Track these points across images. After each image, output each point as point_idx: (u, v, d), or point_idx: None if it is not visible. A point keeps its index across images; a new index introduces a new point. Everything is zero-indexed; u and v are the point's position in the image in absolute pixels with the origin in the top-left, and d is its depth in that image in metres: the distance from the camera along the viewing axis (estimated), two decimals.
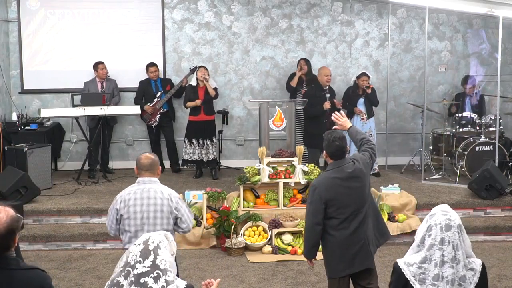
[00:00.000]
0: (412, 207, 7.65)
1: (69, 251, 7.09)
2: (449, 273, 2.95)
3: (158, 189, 4.44)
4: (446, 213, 3.02)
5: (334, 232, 4.46)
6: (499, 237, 7.50)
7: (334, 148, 4.47)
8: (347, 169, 4.46)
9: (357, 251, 4.47)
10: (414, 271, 3.02)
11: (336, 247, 4.48)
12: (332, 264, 4.53)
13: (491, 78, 9.76)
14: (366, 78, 8.95)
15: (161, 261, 2.75)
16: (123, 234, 4.45)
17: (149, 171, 4.49)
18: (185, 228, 4.49)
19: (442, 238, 2.95)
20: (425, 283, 2.99)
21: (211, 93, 8.70)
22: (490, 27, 9.99)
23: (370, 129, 9.02)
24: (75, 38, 9.56)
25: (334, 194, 4.41)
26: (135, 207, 4.38)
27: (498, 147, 8.28)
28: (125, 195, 4.46)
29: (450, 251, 2.95)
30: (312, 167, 7.45)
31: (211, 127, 8.91)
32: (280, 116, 7.77)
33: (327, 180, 4.47)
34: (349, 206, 4.44)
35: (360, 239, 4.47)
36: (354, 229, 4.45)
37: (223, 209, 7.16)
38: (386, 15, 9.85)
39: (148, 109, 9.14)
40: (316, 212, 4.42)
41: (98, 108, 8.55)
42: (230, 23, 9.80)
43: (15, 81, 9.62)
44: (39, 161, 8.13)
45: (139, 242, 2.80)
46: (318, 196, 4.41)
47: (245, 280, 6.19)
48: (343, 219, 4.43)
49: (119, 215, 4.43)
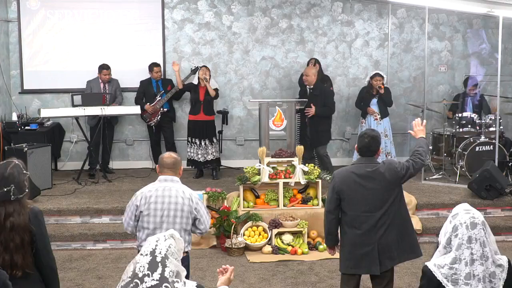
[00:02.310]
0: (412, 207, 7.64)
1: (69, 251, 7.09)
2: (479, 271, 2.96)
3: (180, 188, 4.45)
4: (469, 212, 3.03)
5: (347, 228, 4.58)
6: (499, 237, 7.49)
7: (362, 143, 4.60)
8: (366, 168, 4.55)
9: (364, 254, 4.51)
10: (446, 272, 3.01)
11: (347, 243, 4.60)
12: (342, 259, 4.67)
13: (491, 78, 9.76)
14: (380, 78, 8.97)
15: (169, 273, 2.73)
16: (140, 231, 4.40)
17: (171, 170, 4.50)
18: (203, 230, 4.49)
19: (469, 237, 2.97)
20: (458, 283, 2.98)
21: (211, 93, 8.70)
22: (490, 27, 10.00)
23: (385, 130, 9.03)
24: (75, 38, 9.56)
25: (346, 187, 4.52)
26: (156, 205, 4.35)
27: (498, 147, 8.28)
28: (146, 191, 4.42)
29: (478, 249, 2.97)
30: (312, 167, 7.45)
31: (210, 127, 8.90)
32: (280, 116, 7.77)
33: (344, 172, 4.62)
34: (361, 205, 4.50)
35: (370, 243, 4.49)
36: (365, 231, 4.49)
37: (223, 209, 7.16)
38: (386, 15, 9.85)
39: (148, 109, 9.14)
40: (330, 200, 4.61)
41: (98, 108, 8.55)
42: (230, 23, 9.80)
43: (15, 81, 9.62)
44: (39, 161, 8.13)
45: (146, 252, 2.77)
46: (333, 185, 4.60)
47: (245, 280, 6.19)
48: (354, 217, 4.52)
49: (139, 211, 4.38)
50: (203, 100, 8.74)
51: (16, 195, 3.45)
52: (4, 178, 3.44)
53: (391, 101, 9.14)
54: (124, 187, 8.46)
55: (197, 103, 8.80)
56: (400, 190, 4.60)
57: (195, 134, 8.82)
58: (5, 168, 3.47)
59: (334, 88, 9.93)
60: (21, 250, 3.41)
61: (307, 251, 6.96)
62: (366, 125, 9.08)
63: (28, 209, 3.48)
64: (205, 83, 8.65)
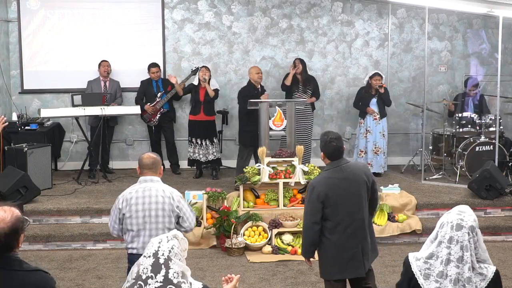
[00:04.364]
0: (412, 207, 7.65)
1: (69, 251, 7.08)
2: (453, 272, 2.95)
3: (160, 187, 4.45)
4: (460, 213, 3.02)
5: (329, 234, 4.48)
6: (499, 237, 7.51)
7: (332, 148, 4.50)
8: (345, 169, 4.50)
9: (350, 257, 4.48)
10: (420, 265, 3.04)
11: (329, 249, 4.50)
12: (326, 266, 4.57)
13: (491, 78, 9.76)
14: (379, 78, 9.00)
15: (173, 274, 2.73)
16: (125, 233, 4.45)
17: (151, 170, 4.49)
18: (187, 227, 4.50)
19: (451, 237, 2.96)
20: (429, 278, 3.00)
21: (210, 94, 8.70)
22: (490, 27, 9.99)
23: (383, 129, 9.06)
24: (75, 38, 9.56)
25: (331, 193, 4.43)
26: (137, 206, 4.38)
27: (498, 147, 8.28)
28: (127, 194, 4.46)
29: (457, 251, 2.95)
30: (312, 167, 7.45)
31: (211, 127, 8.90)
32: (280, 116, 7.78)
33: (325, 179, 4.49)
34: (345, 208, 4.45)
35: (354, 245, 4.48)
36: (350, 234, 4.46)
37: (223, 209, 7.16)
38: (386, 15, 9.85)
39: (148, 109, 9.14)
40: (315, 211, 4.45)
41: (98, 108, 8.55)
42: (230, 23, 9.80)
43: (15, 81, 9.62)
44: (39, 161, 8.13)
45: (148, 254, 2.77)
46: (316, 195, 4.43)
47: (245, 280, 6.19)
48: (338, 222, 4.45)
49: (122, 214, 4.43)
50: (203, 100, 8.74)
51: None
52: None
53: (390, 100, 9.18)
54: (124, 187, 8.29)
55: (197, 103, 8.80)
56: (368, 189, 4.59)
57: (195, 134, 8.83)
58: None
59: (334, 88, 9.95)
60: None
61: None
62: (364, 125, 9.10)
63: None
64: (204, 83, 8.66)
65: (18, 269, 2.85)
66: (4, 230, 2.80)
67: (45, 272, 2.94)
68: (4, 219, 2.81)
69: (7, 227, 2.81)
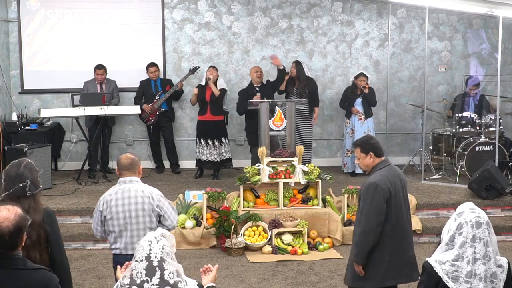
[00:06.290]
0: (412, 207, 7.64)
1: (69, 251, 7.03)
2: (481, 270, 2.98)
3: (139, 188, 4.45)
4: (474, 211, 3.07)
5: (387, 238, 4.28)
6: (499, 237, 7.46)
7: (380, 146, 4.46)
8: (395, 169, 4.45)
9: (406, 261, 4.35)
10: (447, 269, 3.03)
11: (385, 253, 4.29)
12: (375, 272, 4.32)
13: (491, 78, 9.76)
14: (364, 78, 9.00)
15: (169, 274, 2.72)
16: (108, 235, 4.50)
17: (130, 171, 4.48)
18: (169, 226, 4.49)
19: (473, 235, 2.99)
20: (458, 280, 3.00)
21: (215, 93, 8.71)
22: (490, 27, 9.99)
23: (369, 129, 9.05)
24: (75, 38, 9.56)
25: (394, 192, 4.28)
26: (117, 208, 4.40)
27: (498, 147, 8.28)
28: (107, 196, 4.47)
29: (481, 248, 2.99)
30: (312, 167, 7.45)
31: (218, 127, 8.89)
32: (280, 116, 7.78)
33: (385, 178, 4.31)
34: (400, 209, 4.32)
35: (410, 248, 4.39)
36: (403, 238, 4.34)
37: (223, 209, 7.16)
38: (386, 15, 9.85)
39: (146, 108, 9.14)
40: (380, 212, 4.23)
41: (98, 108, 8.55)
42: (230, 23, 9.80)
43: (15, 81, 9.62)
44: (39, 161, 8.09)
45: (141, 258, 2.75)
46: (381, 194, 4.23)
47: (245, 280, 6.19)
48: (395, 224, 4.28)
49: (103, 216, 4.46)
50: (209, 100, 8.75)
51: (32, 190, 3.52)
52: (19, 175, 3.49)
53: (375, 101, 9.15)
54: None
55: (204, 103, 8.82)
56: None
57: (204, 135, 8.82)
58: (18, 166, 3.52)
59: (334, 88, 9.94)
60: (38, 247, 3.45)
61: (307, 251, 6.96)
62: (350, 125, 9.11)
63: (42, 207, 3.50)
64: (209, 83, 8.67)
65: (22, 268, 2.88)
66: (9, 228, 2.83)
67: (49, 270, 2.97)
68: (8, 217, 2.84)
69: (12, 225, 2.84)
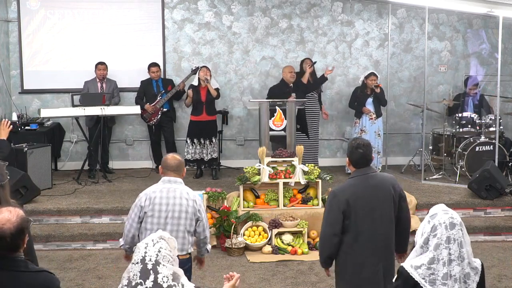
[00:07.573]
0: (412, 207, 7.64)
1: (69, 251, 7.09)
2: (456, 271, 2.96)
3: (184, 190, 4.44)
4: (447, 212, 3.03)
5: (348, 249, 4.12)
6: (499, 237, 7.51)
7: (358, 155, 4.13)
8: (371, 179, 4.13)
9: (369, 277, 4.11)
10: (423, 272, 3.00)
11: (349, 266, 4.15)
12: (342, 285, 4.24)
13: (491, 78, 9.76)
14: (375, 77, 9.00)
15: (163, 278, 2.70)
16: (142, 233, 4.36)
17: (175, 172, 4.47)
18: (200, 232, 4.46)
19: (448, 237, 2.96)
20: (435, 283, 2.98)
21: (212, 94, 8.70)
22: (490, 27, 9.99)
23: (379, 129, 9.07)
24: (75, 38, 9.55)
25: (353, 204, 4.05)
26: (161, 206, 4.34)
27: (498, 147, 8.28)
28: (151, 193, 4.39)
29: (456, 249, 2.96)
30: (312, 167, 7.45)
31: (211, 127, 8.91)
32: (280, 116, 7.78)
33: (348, 187, 4.13)
34: (366, 221, 4.07)
35: (374, 264, 4.11)
36: (370, 252, 4.09)
37: (223, 209, 7.16)
38: (386, 15, 9.85)
39: (148, 108, 9.14)
40: (334, 222, 4.08)
41: (98, 108, 8.55)
42: (230, 23, 9.80)
43: (15, 81, 9.62)
44: (39, 161, 8.13)
45: (136, 260, 2.74)
46: (336, 204, 4.07)
47: (245, 280, 6.19)
48: (358, 236, 4.08)
49: (143, 212, 4.35)
50: (205, 100, 8.75)
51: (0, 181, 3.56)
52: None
53: (385, 100, 9.19)
54: (124, 187, 8.46)
55: (199, 104, 8.79)
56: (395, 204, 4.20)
57: (196, 135, 8.82)
58: None
59: (334, 88, 9.95)
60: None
61: (307, 251, 6.96)
62: (360, 125, 9.11)
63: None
64: (206, 83, 8.66)
65: (23, 270, 2.87)
66: (11, 230, 2.82)
67: (50, 272, 2.96)
68: (10, 219, 2.83)
69: (13, 227, 2.83)
